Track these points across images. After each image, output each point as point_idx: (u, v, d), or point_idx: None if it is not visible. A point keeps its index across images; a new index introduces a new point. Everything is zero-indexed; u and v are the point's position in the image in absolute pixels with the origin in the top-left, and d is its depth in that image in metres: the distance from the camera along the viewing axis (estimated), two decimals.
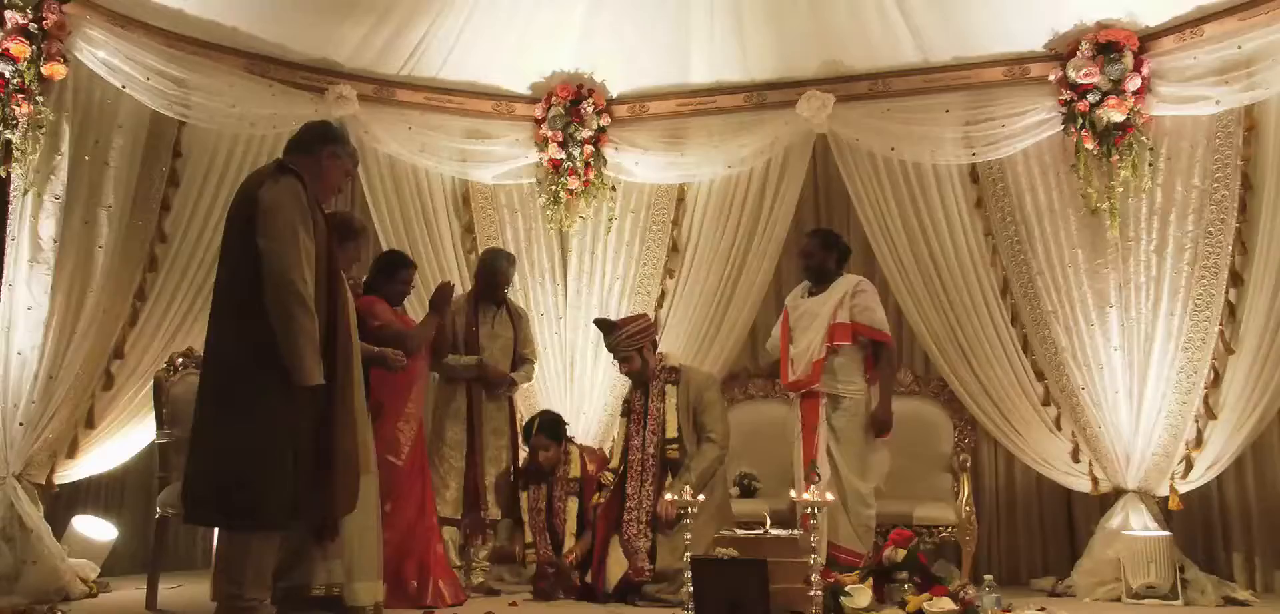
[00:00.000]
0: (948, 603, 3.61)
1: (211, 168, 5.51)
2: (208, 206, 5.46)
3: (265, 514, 3.35)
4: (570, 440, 5.36)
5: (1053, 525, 5.76)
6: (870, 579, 3.87)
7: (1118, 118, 5.19)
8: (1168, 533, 4.87)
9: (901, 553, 3.80)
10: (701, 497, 3.94)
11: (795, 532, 3.88)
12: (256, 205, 3.34)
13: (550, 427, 5.25)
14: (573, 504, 5.11)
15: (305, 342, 3.29)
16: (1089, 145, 5.26)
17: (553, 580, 4.90)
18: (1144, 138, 5.21)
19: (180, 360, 4.75)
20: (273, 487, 3.30)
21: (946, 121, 5.60)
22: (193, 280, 5.39)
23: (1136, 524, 4.99)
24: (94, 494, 5.54)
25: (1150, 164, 5.21)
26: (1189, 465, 5.08)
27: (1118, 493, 5.20)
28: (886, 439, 4.83)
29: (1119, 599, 4.85)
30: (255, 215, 3.33)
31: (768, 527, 4.14)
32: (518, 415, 6.05)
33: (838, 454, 4.70)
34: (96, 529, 5.15)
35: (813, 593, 3.55)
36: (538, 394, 6.19)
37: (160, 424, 4.54)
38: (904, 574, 3.81)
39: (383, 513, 4.43)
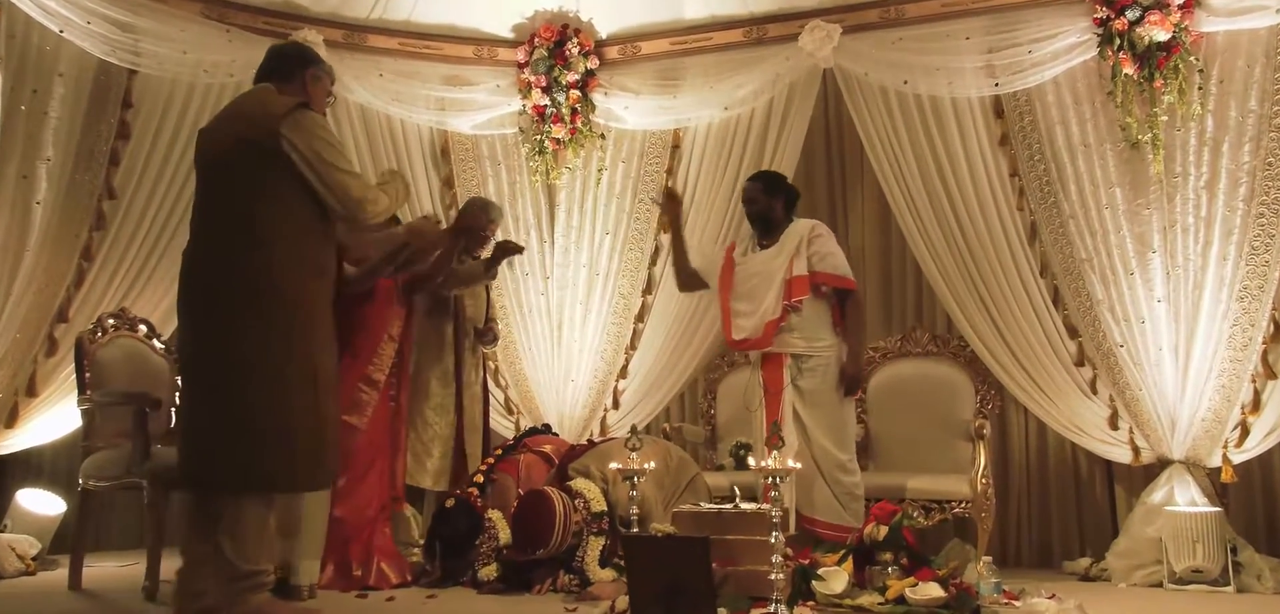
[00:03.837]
0: (935, 589, 3.07)
1: (166, 120, 5.17)
2: (162, 161, 5.13)
3: (286, 477, 3.13)
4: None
5: (1091, 501, 5.12)
6: (850, 560, 3.34)
7: (1161, 36, 4.55)
8: (1217, 509, 4.25)
9: (883, 530, 3.26)
10: (651, 465, 3.46)
11: (763, 507, 3.36)
12: (294, 147, 3.11)
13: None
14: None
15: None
16: (1128, 69, 4.62)
17: None
18: (1192, 58, 4.56)
19: (111, 322, 4.40)
20: (290, 448, 3.08)
21: (966, 49, 4.99)
22: (145, 239, 5.08)
23: (1182, 499, 4.37)
24: (52, 466, 5.24)
25: (1199, 88, 4.56)
26: (1244, 432, 4.44)
27: (1162, 464, 4.58)
28: (856, 399, 4.36)
29: (1160, 584, 4.25)
30: (289, 155, 3.10)
31: (737, 501, 3.64)
32: (499, 378, 5.70)
33: (808, 418, 4.16)
34: (43, 503, 4.85)
35: (773, 577, 3.04)
36: (523, 359, 5.76)
37: (83, 389, 4.19)
38: (888, 555, 3.26)
39: (336, 486, 4.06)
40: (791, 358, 4.22)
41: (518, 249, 4.78)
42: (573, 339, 5.74)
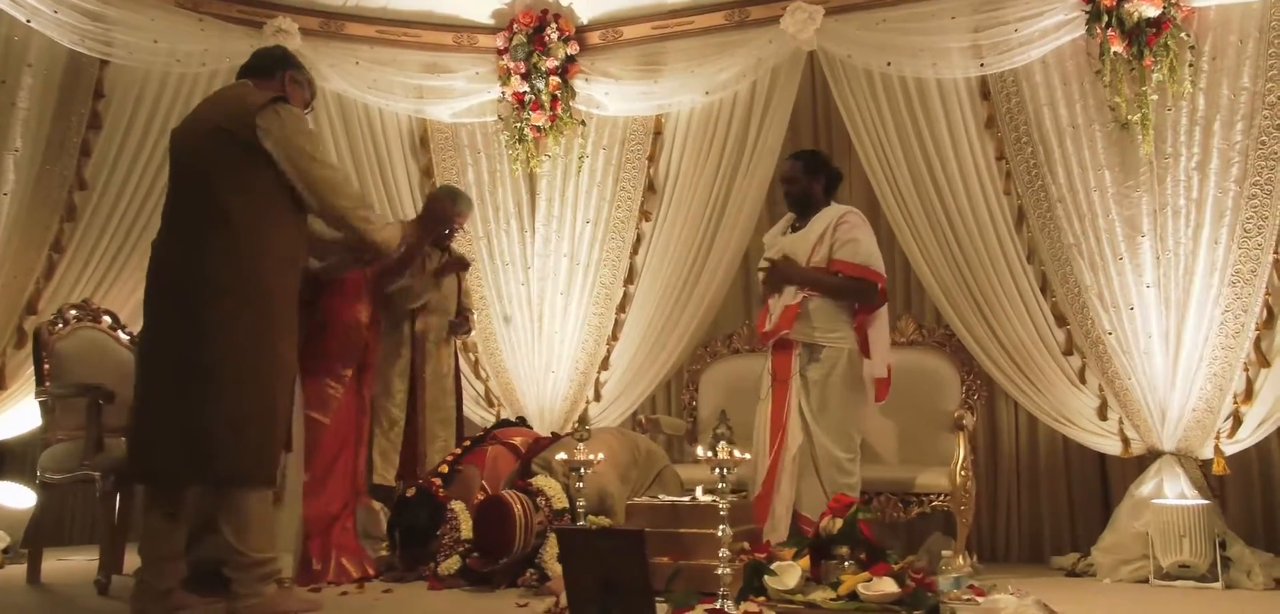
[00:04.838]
0: (889, 585, 2.93)
1: (138, 110, 5.11)
2: (134, 151, 5.08)
3: (230, 469, 3.09)
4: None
5: (1083, 495, 4.96)
6: (807, 555, 3.21)
7: (1151, 12, 4.38)
8: (1204, 502, 4.08)
9: (838, 523, 3.12)
10: (599, 456, 3.36)
11: (717, 500, 3.24)
12: (269, 138, 3.12)
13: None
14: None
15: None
16: (1117, 47, 4.45)
17: None
18: (1183, 34, 4.38)
19: (72, 313, 4.34)
20: (243, 440, 3.06)
21: (951, 29, 4.83)
22: (117, 231, 5.03)
23: (1171, 492, 4.20)
24: (22, 459, 5.19)
25: (1190, 65, 4.38)
26: (1237, 421, 4.26)
27: (1153, 455, 4.41)
28: (881, 402, 4.18)
29: (1146, 580, 4.09)
30: (270, 149, 3.12)
31: (694, 494, 3.53)
32: (479, 370, 5.63)
33: (810, 411, 4.01)
34: (13, 496, 4.81)
35: (720, 572, 2.93)
36: (503, 350, 5.67)
37: (41, 380, 4.14)
38: (844, 549, 3.12)
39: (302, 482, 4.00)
40: (803, 347, 4.06)
41: (464, 265, 4.69)
42: (554, 330, 5.64)
